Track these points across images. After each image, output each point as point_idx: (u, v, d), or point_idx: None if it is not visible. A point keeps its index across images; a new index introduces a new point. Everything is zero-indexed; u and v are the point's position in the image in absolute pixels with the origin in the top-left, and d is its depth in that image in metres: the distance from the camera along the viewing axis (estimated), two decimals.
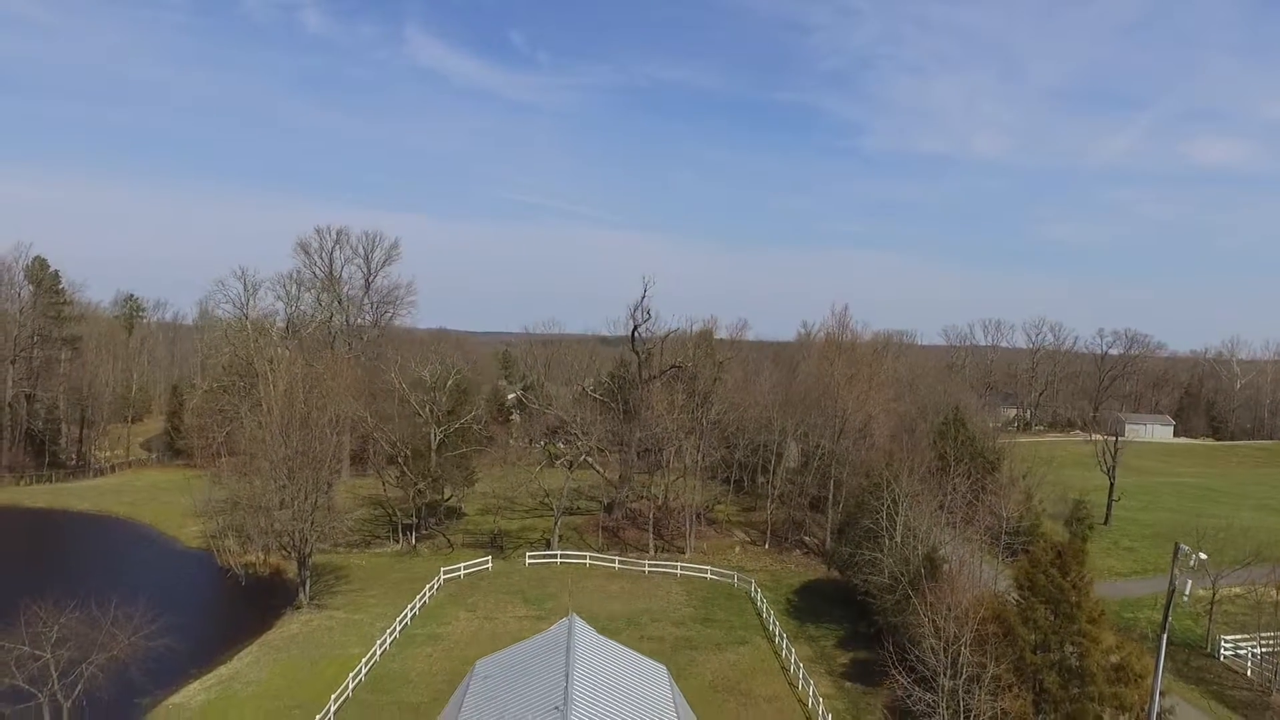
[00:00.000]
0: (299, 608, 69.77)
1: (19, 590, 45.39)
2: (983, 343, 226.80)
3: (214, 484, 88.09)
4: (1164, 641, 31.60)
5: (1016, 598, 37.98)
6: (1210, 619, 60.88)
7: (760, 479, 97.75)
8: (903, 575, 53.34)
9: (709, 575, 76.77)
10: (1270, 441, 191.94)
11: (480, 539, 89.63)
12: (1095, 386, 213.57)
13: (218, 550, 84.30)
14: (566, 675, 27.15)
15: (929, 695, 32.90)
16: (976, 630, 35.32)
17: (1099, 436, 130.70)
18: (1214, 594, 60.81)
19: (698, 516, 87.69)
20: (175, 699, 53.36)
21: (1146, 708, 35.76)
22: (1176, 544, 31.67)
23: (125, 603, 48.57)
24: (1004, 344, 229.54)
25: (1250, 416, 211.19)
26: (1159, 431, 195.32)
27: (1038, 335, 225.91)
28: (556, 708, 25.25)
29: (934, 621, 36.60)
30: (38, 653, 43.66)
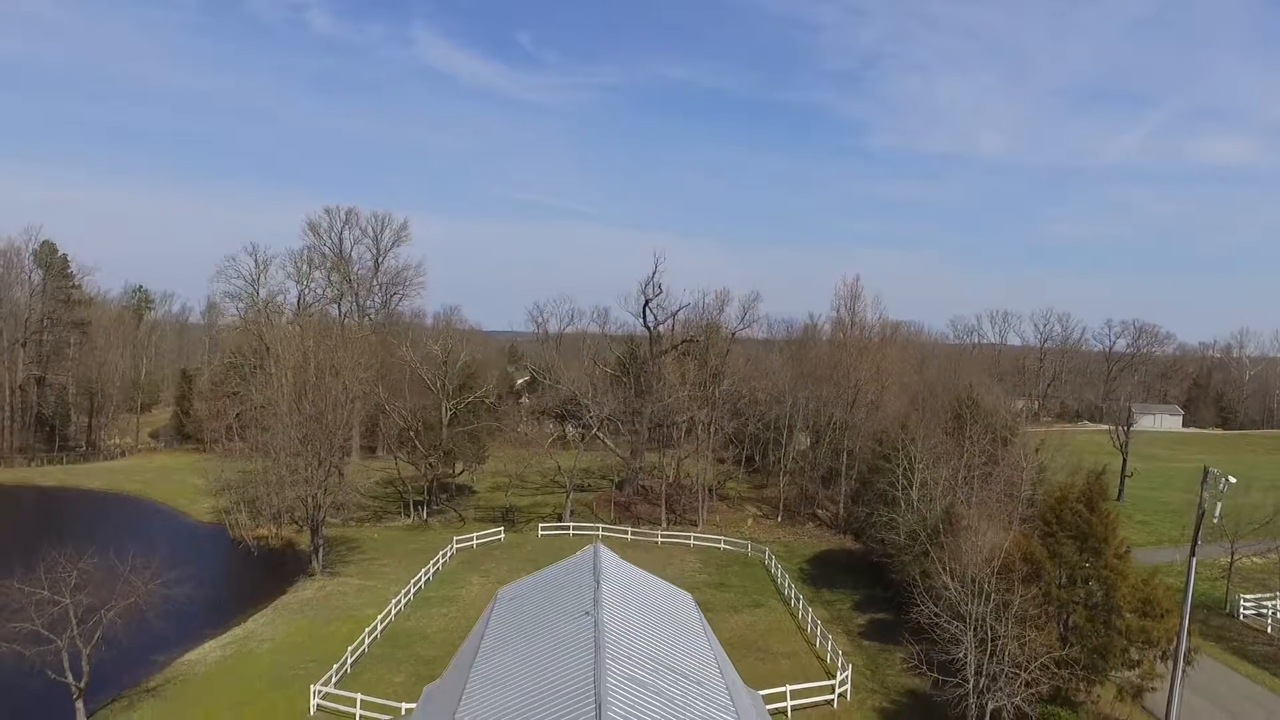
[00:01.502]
0: (312, 575, 69.72)
1: (34, 555, 45.26)
2: (990, 334, 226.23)
3: (226, 461, 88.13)
4: (1192, 565, 31.35)
5: (1043, 531, 37.70)
6: (1229, 581, 60.69)
7: (771, 457, 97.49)
8: (921, 531, 53.04)
9: (722, 545, 76.54)
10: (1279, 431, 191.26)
11: (492, 514, 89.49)
12: (1104, 377, 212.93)
13: (230, 525, 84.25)
14: (596, 585, 26.99)
15: (956, 623, 32.63)
16: (1003, 563, 35.06)
17: (1108, 426, 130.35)
18: (1231, 558, 60.74)
19: (709, 492, 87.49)
20: (191, 655, 53.43)
21: (1173, 644, 35.52)
22: (1206, 468, 31.41)
23: (142, 553, 48.57)
24: (1013, 337, 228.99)
25: (1259, 407, 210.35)
26: (1168, 421, 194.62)
27: (1045, 326, 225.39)
28: (586, 612, 25.09)
29: (958, 560, 36.36)
30: (57, 598, 43.56)
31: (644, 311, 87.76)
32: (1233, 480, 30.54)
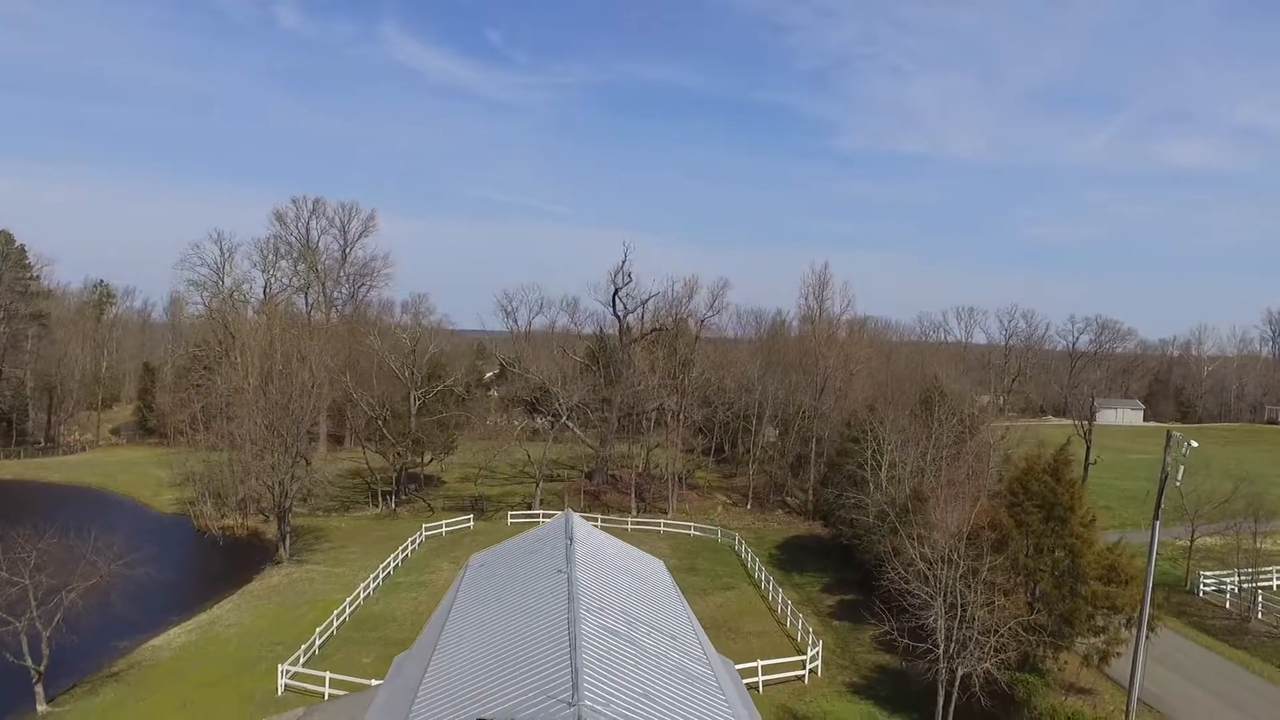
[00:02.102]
0: (279, 563, 68.95)
1: None
2: (956, 330, 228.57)
3: (190, 453, 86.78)
4: (1157, 527, 31.83)
5: (1010, 502, 38.13)
6: (1189, 560, 61.87)
7: (740, 447, 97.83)
8: (890, 510, 53.45)
9: (692, 531, 76.68)
10: (1237, 424, 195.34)
11: (461, 503, 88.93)
12: (1068, 372, 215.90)
13: (194, 515, 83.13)
14: (568, 545, 26.91)
15: (926, 589, 32.90)
16: (971, 532, 35.43)
17: (1071, 420, 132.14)
18: (1192, 538, 62.00)
19: (679, 481, 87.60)
20: (155, 641, 52.62)
21: (1137, 611, 36.04)
22: (1169, 432, 31.91)
23: (104, 534, 47.74)
24: (978, 334, 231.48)
25: (1217, 402, 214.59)
26: (1129, 415, 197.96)
27: (1010, 322, 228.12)
28: (559, 570, 25.01)
29: (927, 530, 36.70)
30: (15, 579, 42.68)
31: (613, 300, 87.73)
32: (1195, 444, 31.05)
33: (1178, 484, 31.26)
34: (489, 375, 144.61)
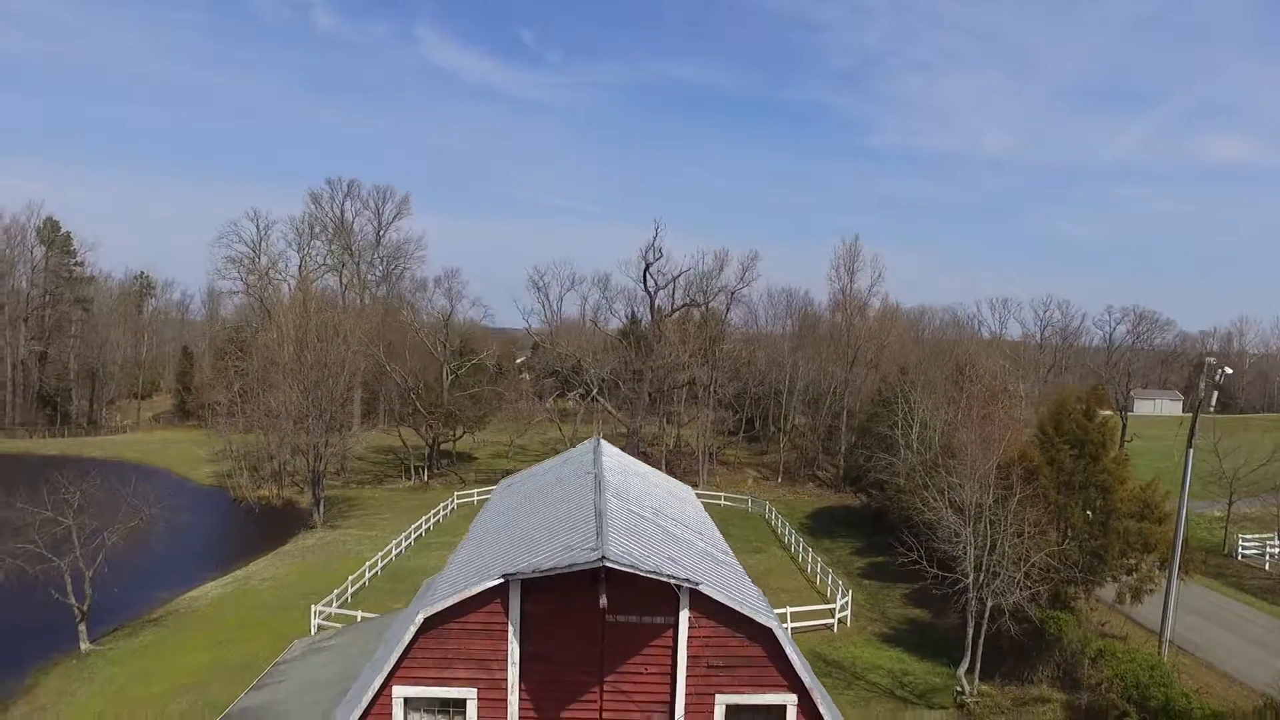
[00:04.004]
0: (313, 527, 70.07)
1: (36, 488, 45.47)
2: (990, 321, 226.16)
3: (229, 430, 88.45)
4: (1190, 455, 31.53)
5: (1041, 440, 37.87)
6: (1226, 528, 61.12)
7: (771, 426, 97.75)
8: (920, 468, 53.25)
9: (723, 501, 76.73)
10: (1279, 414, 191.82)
11: (492, 477, 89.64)
12: (1104, 364, 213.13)
13: (231, 487, 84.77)
14: (597, 458, 27.21)
15: (957, 517, 32.78)
16: (1002, 466, 35.25)
17: (1107, 412, 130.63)
18: (1229, 506, 61.38)
19: (710, 456, 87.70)
20: (192, 593, 53.80)
21: (1170, 551, 35.70)
22: (1205, 359, 31.56)
23: (144, 481, 48.87)
24: (1013, 325, 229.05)
25: (1260, 393, 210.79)
26: (1168, 406, 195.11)
27: (1045, 313, 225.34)
28: (588, 471, 25.32)
29: (961, 464, 36.62)
30: (60, 519, 43.82)
31: (644, 277, 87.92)
32: (1229, 371, 30.72)
33: (1210, 410, 30.89)
34: (520, 360, 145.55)
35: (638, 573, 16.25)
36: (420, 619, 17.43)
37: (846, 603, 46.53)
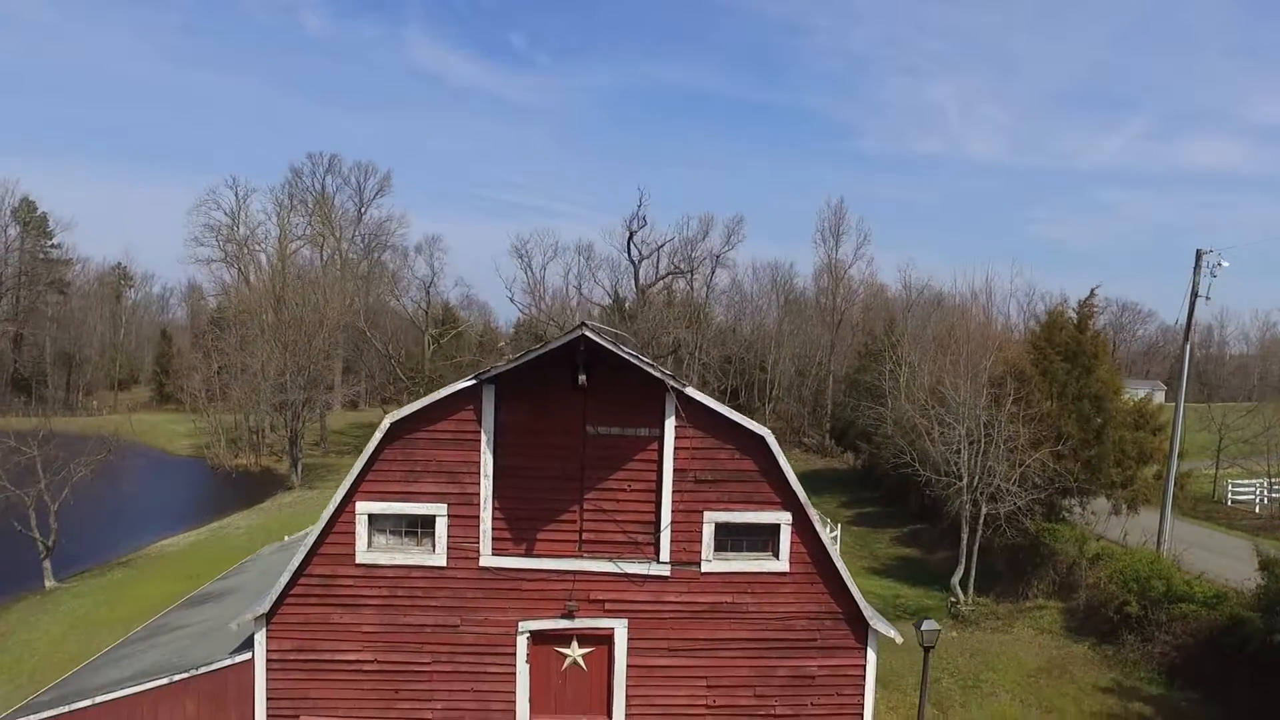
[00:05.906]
0: (291, 488, 68.90)
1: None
2: (973, 307, 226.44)
3: (208, 408, 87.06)
4: (1188, 349, 30.78)
5: (1033, 355, 37.05)
6: (1215, 479, 60.88)
7: (756, 396, 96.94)
8: (911, 410, 52.45)
9: None
10: (1260, 404, 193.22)
11: None
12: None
13: (209, 457, 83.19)
14: None
15: (948, 415, 31.95)
16: (994, 378, 34.48)
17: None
18: (1217, 463, 61.57)
19: None
20: (165, 541, 52.44)
21: (1165, 465, 35.01)
22: (1199, 250, 30.84)
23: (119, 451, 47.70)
24: (996, 316, 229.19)
25: (1242, 385, 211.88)
26: (1153, 396, 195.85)
27: (1029, 303, 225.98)
28: None
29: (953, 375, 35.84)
30: (24, 449, 42.38)
31: (628, 245, 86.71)
32: (1226, 264, 30.04)
33: (1206, 299, 30.16)
34: (503, 344, 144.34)
35: (620, 354, 15.26)
36: (387, 424, 16.39)
37: (836, 535, 45.55)
